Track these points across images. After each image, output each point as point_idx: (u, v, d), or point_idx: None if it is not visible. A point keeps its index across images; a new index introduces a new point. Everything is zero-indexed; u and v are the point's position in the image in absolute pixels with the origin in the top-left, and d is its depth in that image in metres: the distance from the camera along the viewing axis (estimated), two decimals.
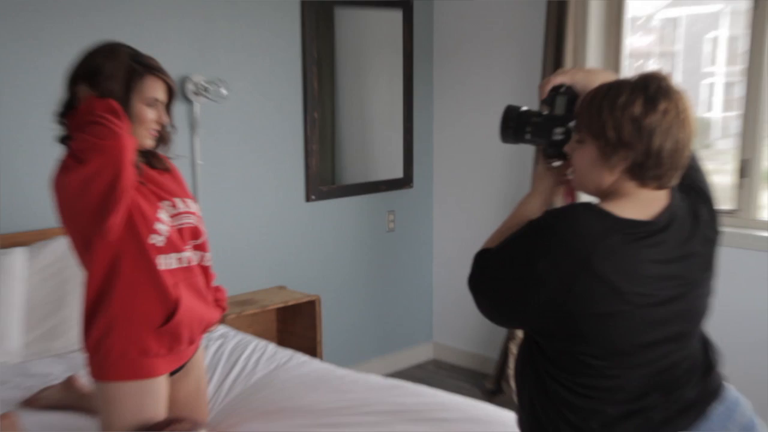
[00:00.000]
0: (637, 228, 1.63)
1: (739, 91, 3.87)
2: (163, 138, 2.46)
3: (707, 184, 1.85)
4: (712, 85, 4.24)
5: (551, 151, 1.86)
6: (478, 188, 4.77)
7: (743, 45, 3.74)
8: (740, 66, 3.81)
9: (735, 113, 3.90)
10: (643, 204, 1.67)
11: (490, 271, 1.74)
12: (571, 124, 1.80)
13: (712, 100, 4.21)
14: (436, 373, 4.89)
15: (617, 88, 1.65)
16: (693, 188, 1.80)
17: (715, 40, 4.27)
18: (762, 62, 3.68)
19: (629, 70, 4.15)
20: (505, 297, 1.70)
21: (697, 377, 1.73)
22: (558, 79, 1.87)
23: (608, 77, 1.81)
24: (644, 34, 4.41)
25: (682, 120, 1.63)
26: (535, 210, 1.85)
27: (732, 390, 1.79)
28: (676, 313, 1.68)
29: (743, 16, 3.72)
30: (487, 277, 1.75)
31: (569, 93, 1.85)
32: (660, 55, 4.47)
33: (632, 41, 4.29)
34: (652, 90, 1.63)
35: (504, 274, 1.69)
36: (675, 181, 1.70)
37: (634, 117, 1.61)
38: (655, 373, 1.68)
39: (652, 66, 4.40)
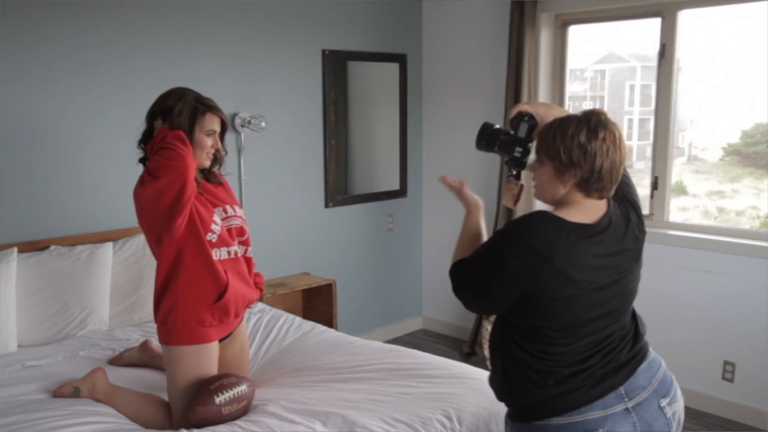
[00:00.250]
0: (584, 229, 1.65)
1: (649, 125, 3.93)
2: (217, 159, 2.48)
3: (636, 194, 1.87)
4: (630, 121, 4.30)
5: (511, 163, 1.89)
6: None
7: (652, 91, 3.81)
8: (651, 107, 3.86)
9: (647, 142, 3.95)
10: (588, 211, 1.69)
11: (470, 276, 1.74)
12: (530, 145, 1.83)
13: (630, 132, 4.26)
14: (424, 340, 4.88)
15: (567, 122, 1.67)
16: (625, 198, 1.81)
17: (632, 87, 4.35)
18: (668, 104, 3.75)
19: (571, 109, 4.18)
20: (486, 294, 1.70)
21: (629, 343, 1.75)
22: (524, 107, 1.89)
23: (561, 112, 1.85)
24: (580, 83, 4.45)
25: (617, 145, 1.66)
26: (478, 221, 1.90)
27: (654, 353, 1.80)
28: (613, 294, 1.70)
29: (652, 70, 3.79)
30: (468, 282, 1.75)
31: (530, 122, 1.86)
32: (591, 98, 4.51)
33: (571, 87, 4.35)
34: (594, 123, 1.65)
35: (483, 277, 1.70)
36: (612, 192, 1.72)
37: (581, 143, 1.63)
38: (597, 341, 1.69)
39: (587, 106, 4.43)
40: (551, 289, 1.62)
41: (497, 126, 1.92)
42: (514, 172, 1.91)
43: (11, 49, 3.06)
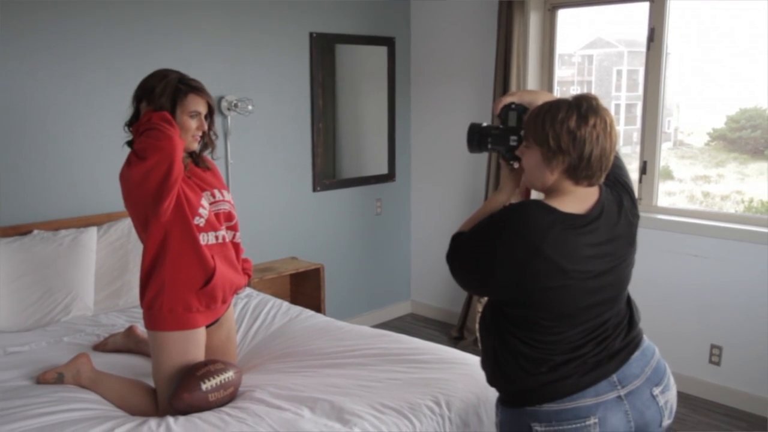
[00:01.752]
0: (576, 220, 1.60)
1: (636, 110, 3.90)
2: (207, 144, 2.43)
3: (628, 178, 1.82)
4: (618, 106, 4.27)
5: (509, 155, 1.81)
6: (446, 180, 4.74)
7: (639, 76, 3.78)
8: (638, 92, 3.84)
9: (634, 127, 3.94)
10: (579, 200, 1.64)
11: (462, 251, 1.70)
12: (522, 132, 1.76)
13: (618, 117, 4.24)
14: (413, 324, 4.87)
15: (557, 106, 1.62)
16: (617, 182, 1.77)
17: (619, 72, 4.32)
18: (657, 89, 3.72)
19: (558, 94, 4.16)
20: (474, 274, 1.67)
21: (623, 331, 1.72)
22: (508, 99, 1.83)
23: (549, 97, 1.78)
24: (567, 67, 4.41)
25: (607, 132, 1.61)
26: (501, 204, 1.81)
27: (648, 341, 1.77)
28: (608, 282, 1.66)
29: (639, 55, 3.76)
30: (460, 256, 1.71)
31: (518, 109, 1.81)
32: (578, 83, 4.49)
33: (559, 72, 4.32)
34: (584, 108, 1.60)
35: (472, 256, 1.66)
36: (602, 180, 1.67)
37: (570, 129, 1.58)
38: (591, 329, 1.66)
39: (574, 91, 4.42)
40: (542, 280, 1.58)
41: (484, 124, 1.87)
42: (516, 165, 1.84)
43: None
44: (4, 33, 3.02)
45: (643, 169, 3.81)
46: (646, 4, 3.70)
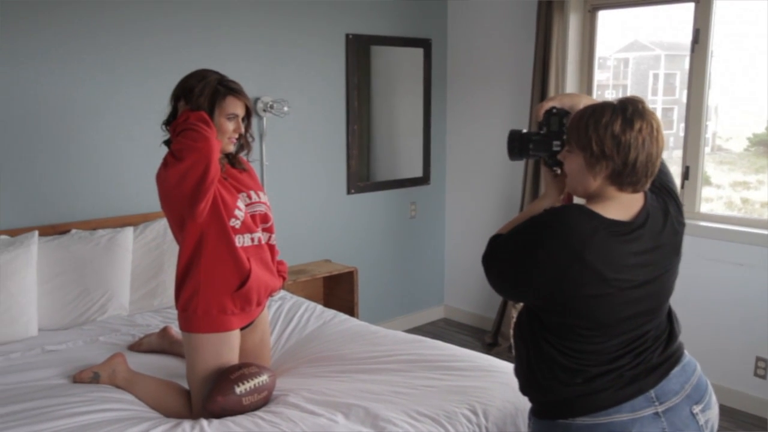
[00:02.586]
0: (620, 227, 1.55)
1: (672, 115, 3.81)
2: (244, 146, 2.43)
3: (674, 184, 1.76)
4: (654, 110, 4.15)
5: (551, 161, 1.77)
6: (481, 184, 4.70)
7: (677, 80, 3.69)
8: (674, 96, 3.74)
9: (670, 131, 3.85)
10: (624, 206, 1.59)
11: (499, 254, 1.65)
12: (565, 137, 1.71)
13: None
14: (446, 329, 4.82)
15: (600, 110, 1.56)
16: (663, 188, 1.71)
17: (656, 76, 4.24)
18: (701, 92, 3.63)
19: (596, 98, 4.10)
20: (510, 277, 1.62)
21: (663, 343, 1.65)
22: (549, 104, 1.78)
23: (590, 101, 1.74)
24: (603, 71, 4.34)
25: (654, 137, 1.55)
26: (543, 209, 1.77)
27: (689, 356, 1.71)
28: (650, 292, 1.60)
29: (677, 59, 3.67)
30: (497, 258, 1.66)
31: (560, 113, 1.76)
32: (614, 87, 4.41)
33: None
34: (630, 112, 1.54)
35: (510, 259, 1.61)
36: (647, 186, 1.61)
37: (614, 134, 1.53)
38: (630, 340, 1.60)
39: (610, 95, 4.35)
40: (581, 287, 1.52)
41: (524, 130, 1.83)
42: (559, 171, 1.80)
43: (32, 31, 3.02)
44: (47, 36, 3.06)
45: (686, 175, 3.72)
46: (691, 5, 3.61)
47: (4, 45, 2.95)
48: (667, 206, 1.67)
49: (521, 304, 1.75)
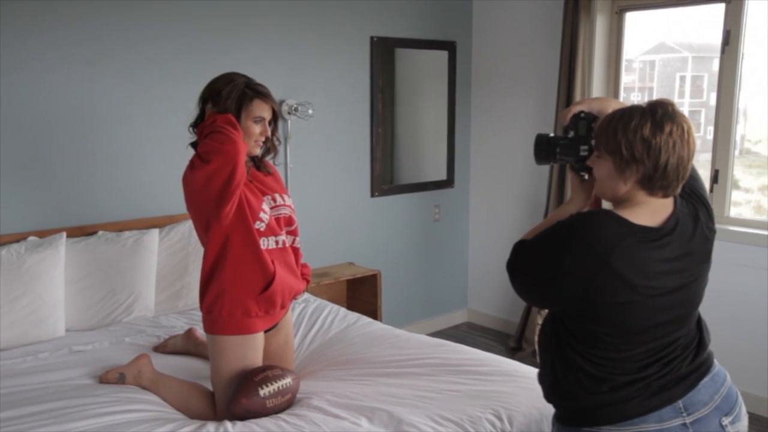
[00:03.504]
0: (648, 233, 1.53)
1: (700, 117, 3.76)
2: (270, 149, 2.44)
3: (704, 189, 1.74)
4: (683, 113, 4.10)
5: (579, 166, 1.74)
6: (506, 188, 4.67)
7: (704, 82, 3.63)
8: (702, 99, 3.69)
9: (697, 134, 3.78)
10: (653, 211, 1.57)
11: (525, 260, 1.64)
12: (593, 141, 1.69)
13: None
14: (469, 333, 4.80)
15: (629, 113, 1.55)
16: (693, 194, 1.68)
17: (683, 78, 4.18)
18: (731, 94, 3.57)
19: (622, 100, 4.07)
20: (536, 284, 1.61)
21: (692, 352, 1.63)
22: (577, 108, 1.76)
23: (618, 105, 1.71)
24: (628, 74, 4.29)
25: (684, 140, 1.53)
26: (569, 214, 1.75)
27: (719, 366, 1.68)
28: (679, 300, 1.58)
29: (704, 61, 3.61)
30: (522, 264, 1.64)
31: (588, 117, 1.74)
32: (640, 90, 4.36)
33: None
34: (659, 115, 1.52)
35: (536, 265, 1.60)
36: (678, 190, 1.59)
37: (644, 137, 1.51)
38: (658, 349, 1.58)
39: (635, 98, 4.30)
40: (608, 294, 1.50)
41: (551, 134, 1.81)
42: (586, 176, 1.78)
43: (64, 34, 3.07)
44: (73, 37, 3.10)
45: (715, 179, 3.66)
46: (721, 6, 3.56)
47: (34, 48, 3.00)
48: (697, 212, 1.64)
49: (546, 310, 1.73)
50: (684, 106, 4.14)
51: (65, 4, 3.05)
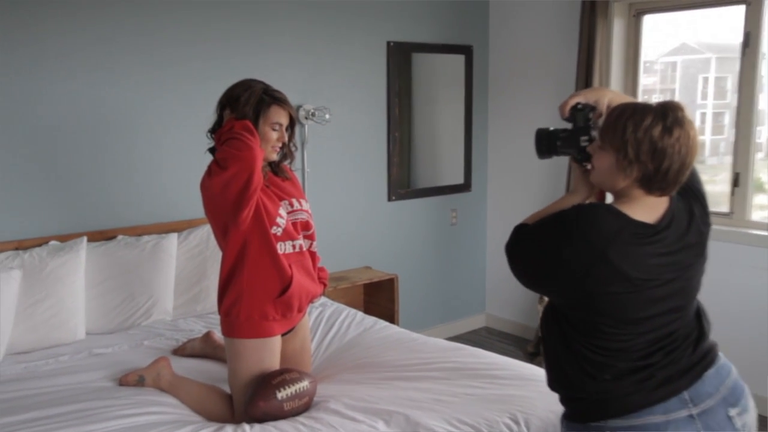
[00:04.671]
0: (645, 229, 1.57)
1: (723, 119, 3.72)
2: (287, 154, 2.46)
3: (701, 184, 1.76)
4: (704, 115, 4.10)
5: (581, 156, 1.76)
6: (523, 191, 4.67)
7: (728, 84, 3.60)
8: (726, 100, 3.66)
9: (722, 137, 3.76)
10: (650, 208, 1.60)
11: (524, 244, 1.68)
12: (593, 133, 1.71)
13: (703, 127, 4.06)
14: (487, 338, 4.79)
15: (642, 112, 1.56)
16: (689, 189, 1.70)
17: (706, 79, 4.15)
18: (751, 96, 3.54)
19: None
20: (533, 269, 1.66)
21: (693, 343, 1.65)
22: (573, 100, 1.78)
23: (616, 95, 1.76)
24: (649, 75, 4.27)
25: (690, 146, 1.56)
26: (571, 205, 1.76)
27: (724, 359, 1.69)
28: (674, 290, 1.61)
29: (728, 62, 3.58)
30: (521, 249, 1.69)
31: (585, 108, 1.75)
32: (661, 91, 4.33)
33: (641, 81, 4.18)
34: (670, 120, 1.54)
35: (534, 251, 1.64)
36: (674, 191, 1.62)
37: (652, 140, 1.53)
38: (658, 338, 1.60)
39: (656, 99, 4.27)
40: (604, 284, 1.54)
41: (551, 128, 1.82)
42: (589, 166, 1.79)
43: (85, 40, 3.12)
44: (93, 42, 3.15)
45: (735, 182, 3.63)
46: (741, 8, 3.54)
47: (52, 52, 3.05)
48: (692, 207, 1.67)
49: (547, 298, 1.76)
50: (707, 107, 4.10)
51: (85, 10, 3.10)
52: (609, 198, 1.73)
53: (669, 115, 1.54)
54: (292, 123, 2.39)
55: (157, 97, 3.36)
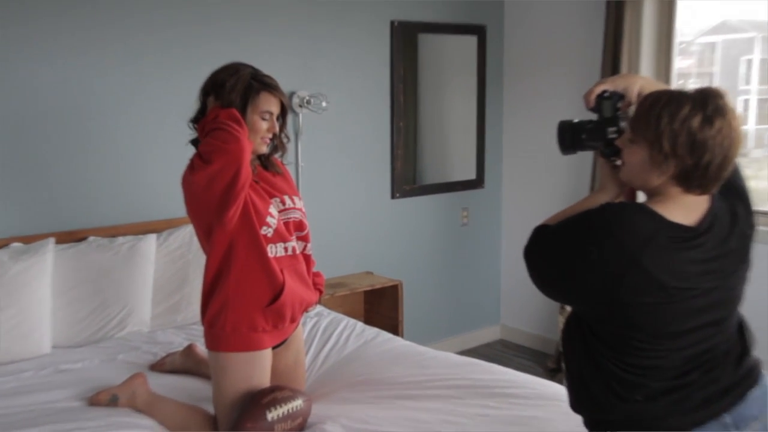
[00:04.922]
0: (683, 233, 1.54)
1: None
2: (278, 146, 2.45)
3: (744, 182, 1.73)
4: (747, 101, 4.09)
5: (608, 151, 1.73)
6: (543, 188, 4.66)
7: None
8: None
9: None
10: (688, 208, 1.57)
11: (545, 247, 1.65)
12: (623, 124, 1.69)
13: (746, 115, 4.05)
14: (503, 352, 4.79)
15: (678, 100, 1.53)
16: (732, 187, 1.67)
17: (749, 62, 4.13)
18: None
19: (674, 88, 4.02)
20: (555, 275, 1.63)
21: (734, 359, 1.62)
22: (599, 88, 1.76)
23: (648, 82, 1.74)
24: (684, 58, 4.24)
25: (732, 138, 1.52)
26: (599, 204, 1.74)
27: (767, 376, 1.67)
28: (714, 301, 1.58)
29: None
30: (542, 251, 1.66)
31: (613, 96, 1.73)
32: (698, 76, 4.32)
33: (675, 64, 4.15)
34: (710, 109, 1.51)
35: (557, 254, 1.61)
36: (717, 188, 1.59)
37: (691, 131, 1.50)
38: (696, 354, 1.58)
39: (692, 85, 4.26)
40: (637, 294, 1.51)
41: (575, 120, 1.80)
42: (619, 161, 1.76)
43: (52, 22, 3.10)
44: (64, 26, 3.14)
45: None
46: None
47: (18, 37, 3.04)
48: (734, 207, 1.65)
49: (569, 308, 1.74)
50: (751, 93, 4.08)
51: None
52: (641, 197, 1.71)
53: (709, 103, 1.51)
54: (284, 111, 2.38)
55: (135, 83, 3.35)
